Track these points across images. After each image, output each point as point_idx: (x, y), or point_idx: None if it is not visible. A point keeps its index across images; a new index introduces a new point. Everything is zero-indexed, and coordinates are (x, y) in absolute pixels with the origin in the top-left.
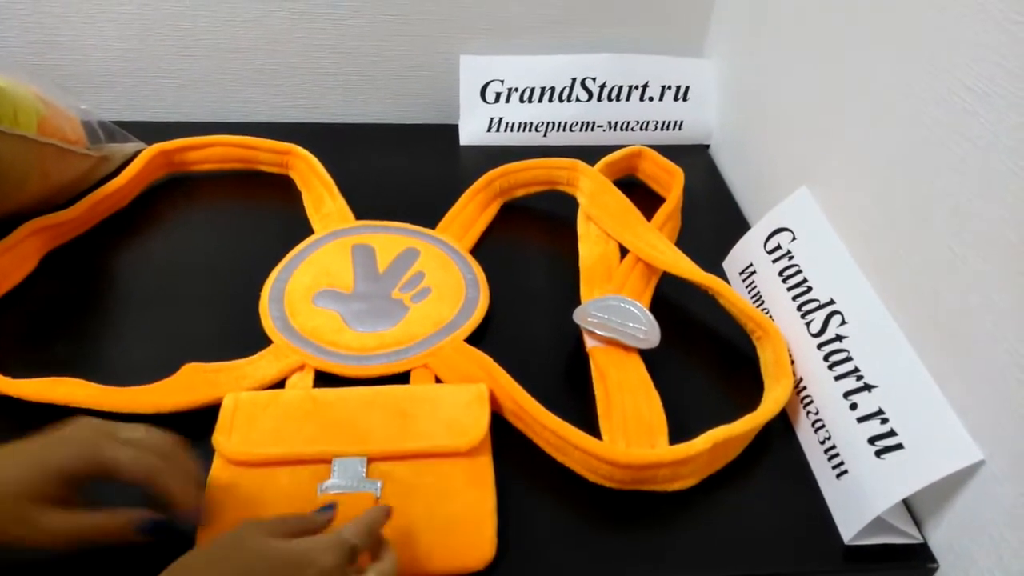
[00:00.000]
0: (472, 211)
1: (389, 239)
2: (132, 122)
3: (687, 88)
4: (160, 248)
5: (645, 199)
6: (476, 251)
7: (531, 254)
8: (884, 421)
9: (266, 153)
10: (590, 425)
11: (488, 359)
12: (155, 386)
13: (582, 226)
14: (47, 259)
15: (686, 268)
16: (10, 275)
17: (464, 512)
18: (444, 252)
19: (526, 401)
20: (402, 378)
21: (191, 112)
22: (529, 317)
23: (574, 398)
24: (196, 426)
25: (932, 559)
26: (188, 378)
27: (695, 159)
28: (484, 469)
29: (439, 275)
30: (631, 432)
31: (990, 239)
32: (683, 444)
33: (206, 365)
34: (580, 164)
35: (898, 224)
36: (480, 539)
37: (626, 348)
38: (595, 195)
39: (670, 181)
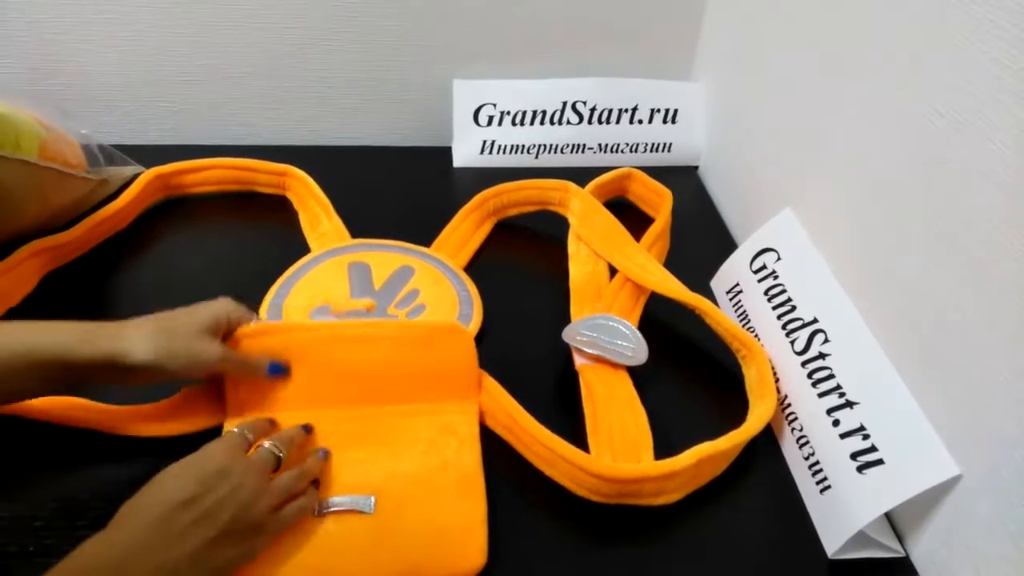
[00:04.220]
0: (466, 230)
1: (384, 257)
2: (131, 146)
3: (676, 111)
4: (159, 268)
5: (635, 220)
6: (470, 270)
7: (523, 273)
8: (866, 437)
9: (263, 175)
10: (579, 441)
11: (481, 372)
12: (155, 408)
13: (572, 246)
14: (46, 280)
15: (674, 288)
16: (10, 296)
17: (456, 521)
18: (438, 270)
19: (518, 413)
20: None
21: (190, 136)
22: (520, 335)
23: (563, 415)
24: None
25: (913, 572)
26: (189, 401)
27: (684, 180)
28: (475, 480)
29: (433, 292)
30: (617, 447)
31: (963, 259)
32: (669, 459)
33: (205, 387)
34: (571, 186)
35: (877, 245)
36: (471, 548)
37: (614, 365)
38: (585, 216)
39: (659, 202)
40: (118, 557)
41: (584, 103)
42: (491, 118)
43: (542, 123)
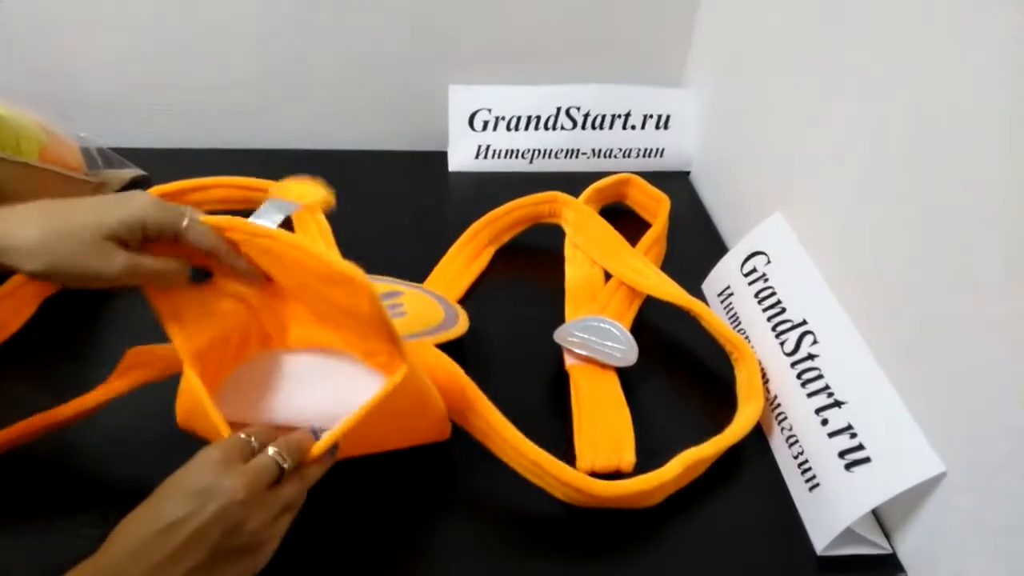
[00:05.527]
0: (461, 263)
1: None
2: (129, 149)
3: (668, 117)
4: None
5: (632, 225)
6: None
7: (519, 277)
8: (853, 436)
9: (265, 195)
10: (567, 441)
11: (458, 368)
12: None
13: (569, 250)
14: (45, 305)
15: (669, 291)
16: (9, 323)
17: (419, 432)
18: (427, 295)
19: (501, 425)
20: None
21: (187, 139)
22: (514, 337)
23: (554, 416)
24: None
25: (900, 568)
26: (136, 357)
27: (676, 185)
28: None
29: (417, 304)
30: (599, 446)
31: (946, 261)
32: (655, 472)
33: (152, 347)
34: (560, 195)
35: (865, 248)
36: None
37: (603, 366)
38: (579, 225)
39: (656, 208)
40: None
41: (578, 109)
42: (486, 123)
43: (536, 128)
